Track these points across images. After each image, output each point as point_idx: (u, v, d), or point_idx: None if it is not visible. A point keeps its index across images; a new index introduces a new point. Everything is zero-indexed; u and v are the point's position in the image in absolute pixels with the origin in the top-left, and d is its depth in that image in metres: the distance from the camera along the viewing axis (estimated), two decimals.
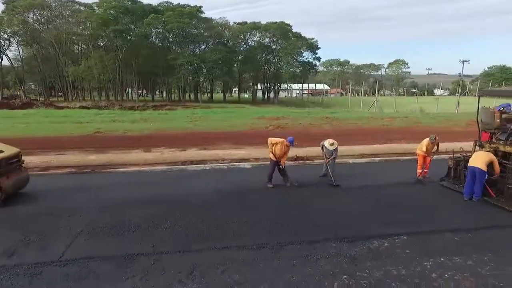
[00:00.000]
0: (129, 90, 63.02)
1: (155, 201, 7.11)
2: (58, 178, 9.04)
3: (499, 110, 8.09)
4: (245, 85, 79.44)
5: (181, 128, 18.59)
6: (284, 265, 4.71)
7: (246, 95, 78.09)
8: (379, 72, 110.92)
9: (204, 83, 62.31)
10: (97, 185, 8.31)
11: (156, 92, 70.38)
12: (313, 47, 63.45)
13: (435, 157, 9.30)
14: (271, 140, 8.16)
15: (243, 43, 62.29)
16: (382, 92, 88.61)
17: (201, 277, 4.38)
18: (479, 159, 7.19)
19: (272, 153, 8.07)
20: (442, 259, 4.87)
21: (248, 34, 61.21)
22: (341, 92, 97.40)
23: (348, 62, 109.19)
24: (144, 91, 74.52)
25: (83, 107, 34.48)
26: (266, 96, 67.51)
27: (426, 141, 8.72)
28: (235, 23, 61.91)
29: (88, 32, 50.50)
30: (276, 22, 60.31)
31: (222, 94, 70.18)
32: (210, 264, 4.70)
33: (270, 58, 63.32)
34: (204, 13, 54.96)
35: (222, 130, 18.04)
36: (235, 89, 78.71)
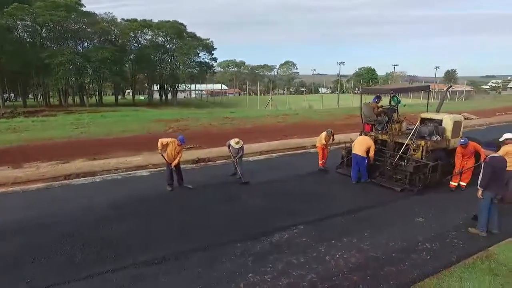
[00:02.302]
0: None
1: (29, 227, 5.95)
2: None
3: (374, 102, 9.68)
4: (140, 86, 74.22)
5: (63, 136, 16.10)
6: (189, 275, 4.52)
7: (142, 97, 73.07)
8: (272, 73, 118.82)
9: (91, 85, 55.66)
10: None
11: (30, 96, 59.56)
12: (209, 47, 63.54)
13: (332, 147, 10.29)
14: (162, 141, 7.90)
15: (134, 41, 58.05)
16: (276, 91, 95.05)
17: None
18: (359, 147, 8.42)
19: (162, 155, 7.93)
20: (333, 241, 5.44)
21: (139, 32, 57.33)
22: (239, 92, 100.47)
23: (244, 63, 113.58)
24: (12, 95, 62.18)
25: None
26: (163, 97, 64.55)
27: (324, 134, 9.76)
28: (123, 19, 57.09)
29: None
30: (169, 21, 58.19)
31: (113, 97, 63.91)
32: None
33: (165, 58, 60.70)
34: (85, 6, 48.99)
35: (115, 136, 16.38)
36: (129, 90, 72.93)
